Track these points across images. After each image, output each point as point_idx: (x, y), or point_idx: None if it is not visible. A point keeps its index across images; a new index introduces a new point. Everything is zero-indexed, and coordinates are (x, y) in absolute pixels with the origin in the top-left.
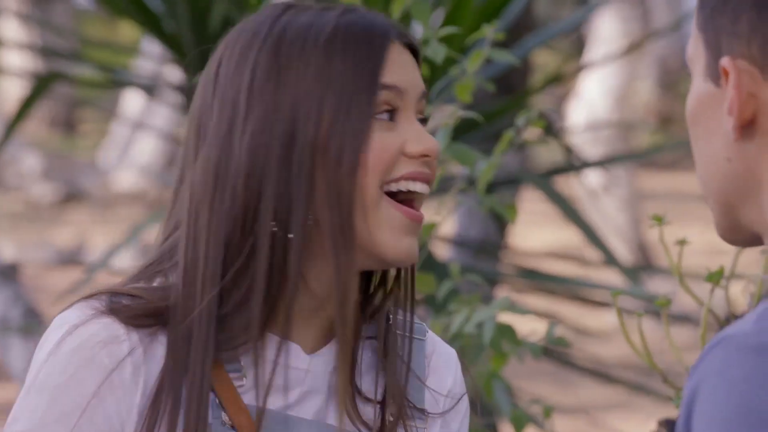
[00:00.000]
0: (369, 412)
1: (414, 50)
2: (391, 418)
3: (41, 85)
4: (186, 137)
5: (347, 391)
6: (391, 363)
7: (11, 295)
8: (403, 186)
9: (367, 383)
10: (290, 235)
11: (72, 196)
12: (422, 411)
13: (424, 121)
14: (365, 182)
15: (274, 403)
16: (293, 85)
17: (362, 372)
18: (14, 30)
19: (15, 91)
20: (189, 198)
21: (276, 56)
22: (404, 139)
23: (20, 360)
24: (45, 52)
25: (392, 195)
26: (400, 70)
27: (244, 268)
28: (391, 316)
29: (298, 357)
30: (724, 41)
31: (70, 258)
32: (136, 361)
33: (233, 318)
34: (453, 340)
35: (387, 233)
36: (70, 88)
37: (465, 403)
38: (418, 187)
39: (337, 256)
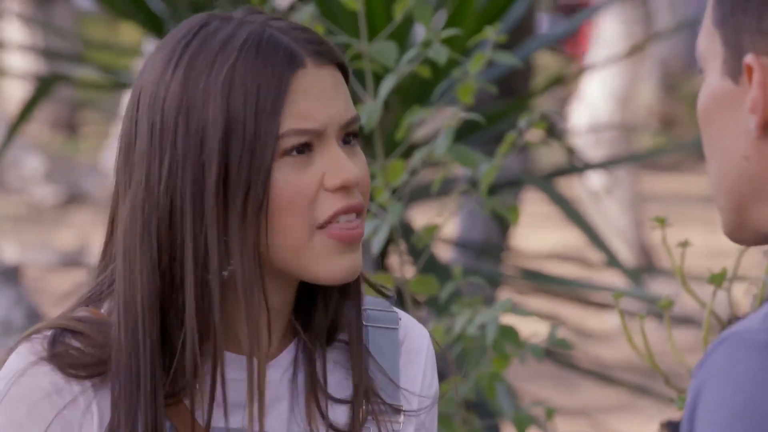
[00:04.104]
0: (340, 413)
1: (338, 65)
2: (362, 416)
3: (43, 87)
4: (117, 157)
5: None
6: (359, 360)
7: (13, 297)
8: (336, 227)
9: (336, 383)
10: (209, 279)
11: (74, 198)
12: (396, 409)
13: (355, 135)
14: (287, 225)
15: (240, 419)
16: (198, 124)
17: (330, 372)
18: (16, 32)
19: (17, 93)
20: (122, 237)
21: (184, 87)
22: (322, 173)
23: None
24: (47, 53)
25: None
26: (310, 106)
27: (178, 312)
28: (364, 310)
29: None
30: (747, 39)
31: (72, 260)
32: (87, 399)
33: (177, 359)
34: (455, 342)
35: (321, 261)
36: (72, 90)
37: (437, 395)
38: (351, 223)
39: (246, 306)
